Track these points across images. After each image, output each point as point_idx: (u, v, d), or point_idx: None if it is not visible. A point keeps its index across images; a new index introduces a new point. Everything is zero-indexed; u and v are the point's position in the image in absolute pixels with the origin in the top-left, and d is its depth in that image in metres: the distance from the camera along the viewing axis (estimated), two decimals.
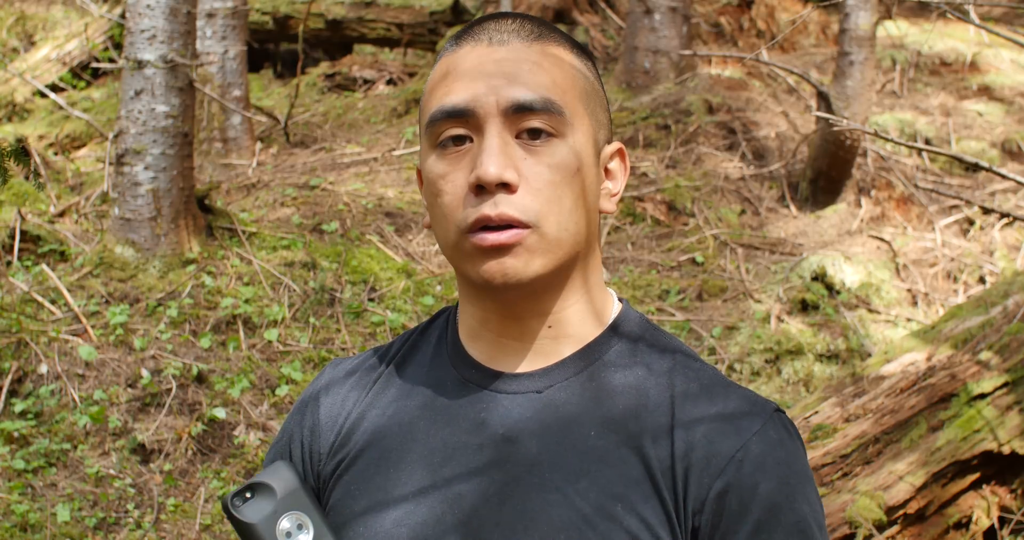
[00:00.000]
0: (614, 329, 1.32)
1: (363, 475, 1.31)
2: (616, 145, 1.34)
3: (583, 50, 1.33)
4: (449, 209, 1.24)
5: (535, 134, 1.23)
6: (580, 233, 1.26)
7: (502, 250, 1.22)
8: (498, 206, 1.21)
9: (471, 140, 1.24)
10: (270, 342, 4.63)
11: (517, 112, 1.22)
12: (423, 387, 1.33)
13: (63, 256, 5.00)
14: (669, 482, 1.22)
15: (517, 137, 1.23)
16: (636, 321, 1.34)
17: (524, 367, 1.30)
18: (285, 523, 1.17)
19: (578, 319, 1.30)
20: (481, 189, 1.21)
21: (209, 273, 4.88)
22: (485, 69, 1.24)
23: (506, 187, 1.21)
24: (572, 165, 1.24)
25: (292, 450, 1.38)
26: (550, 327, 1.29)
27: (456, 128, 1.24)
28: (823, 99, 5.71)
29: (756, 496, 1.21)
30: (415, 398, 1.33)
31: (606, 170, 1.33)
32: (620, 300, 1.37)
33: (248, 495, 1.18)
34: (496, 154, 1.21)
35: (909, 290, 5.41)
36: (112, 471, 4.02)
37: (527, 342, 1.30)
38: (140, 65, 4.82)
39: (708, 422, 1.24)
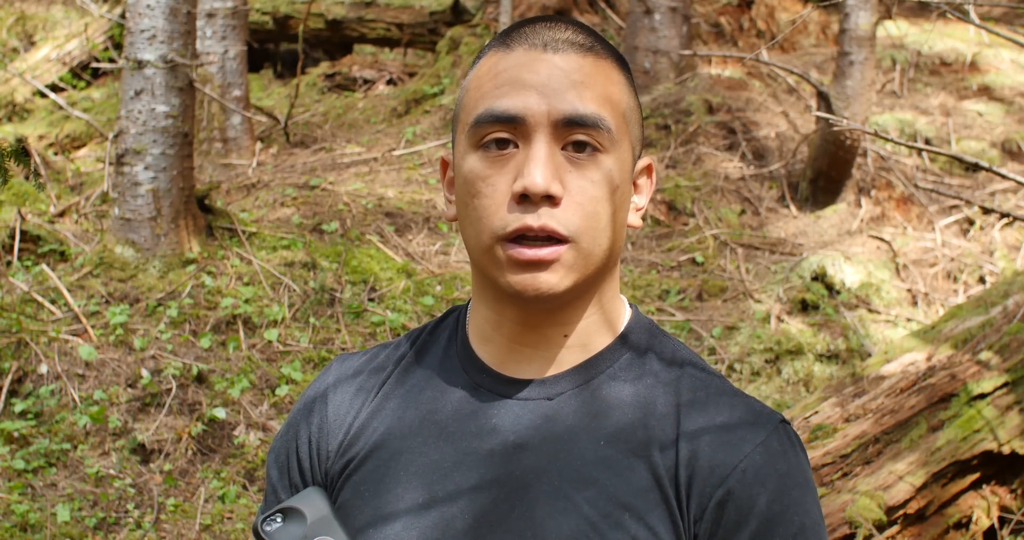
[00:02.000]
0: (624, 339, 1.32)
1: (372, 477, 1.31)
2: (646, 161, 1.34)
3: (625, 64, 1.33)
4: (487, 212, 1.23)
5: (581, 147, 1.23)
6: (610, 248, 1.26)
7: (539, 265, 1.21)
8: (541, 218, 1.20)
9: (515, 145, 1.23)
10: (270, 342, 4.63)
11: (567, 125, 1.22)
12: (433, 390, 1.33)
13: (63, 256, 5.00)
14: (674, 491, 1.22)
15: (562, 148, 1.23)
16: (646, 329, 1.35)
17: (535, 374, 1.30)
18: None
19: (594, 329, 1.31)
20: (525, 198, 1.21)
21: (209, 273, 4.88)
22: (539, 77, 1.23)
23: (550, 199, 1.21)
24: (613, 181, 1.24)
25: (299, 446, 1.38)
26: (566, 336, 1.30)
27: (502, 132, 1.23)
28: (823, 99, 5.71)
29: (755, 507, 1.21)
30: (425, 401, 1.33)
31: (635, 184, 1.33)
32: (630, 305, 1.37)
33: (278, 519, 1.19)
34: (544, 165, 1.20)
35: (909, 290, 5.41)
36: (112, 471, 4.02)
37: (541, 350, 1.30)
38: (140, 65, 4.82)
39: (712, 432, 1.24)
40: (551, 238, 1.22)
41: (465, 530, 1.25)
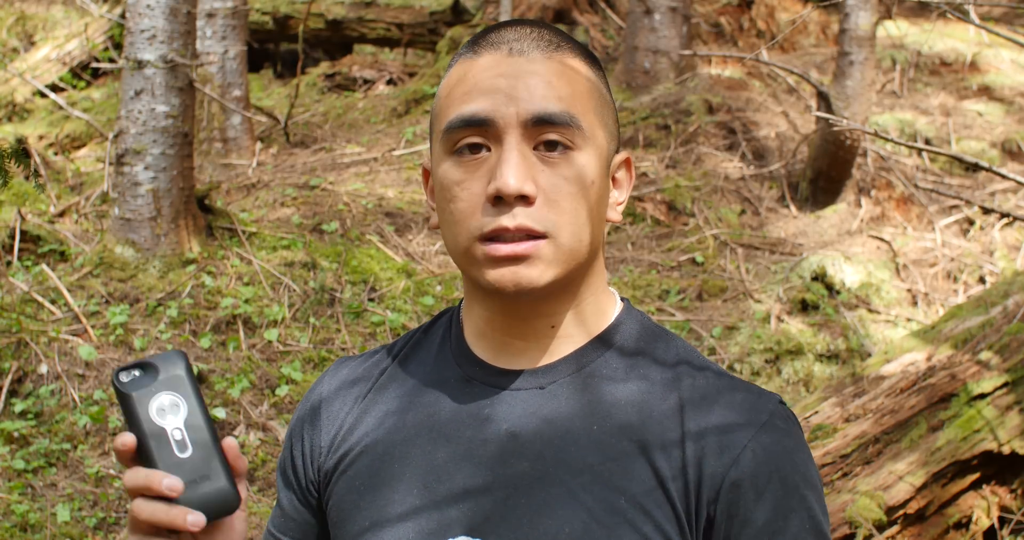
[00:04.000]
0: (612, 332, 1.34)
1: (366, 473, 1.33)
2: (624, 155, 1.36)
3: (595, 60, 1.35)
4: (463, 215, 1.25)
5: (552, 146, 1.25)
6: (590, 243, 1.28)
7: (516, 259, 1.23)
8: (516, 218, 1.22)
9: (488, 149, 1.25)
10: (270, 342, 4.63)
11: (536, 124, 1.24)
12: (427, 385, 1.36)
13: (63, 256, 5.00)
14: (681, 491, 1.24)
15: (534, 148, 1.25)
16: (636, 321, 1.36)
17: (527, 364, 1.32)
18: (163, 399, 1.22)
19: (581, 320, 1.33)
20: (499, 200, 1.23)
21: (209, 273, 4.88)
22: (506, 79, 1.25)
23: (524, 199, 1.23)
24: (587, 177, 1.26)
25: (294, 446, 1.41)
26: (553, 327, 1.32)
27: (474, 137, 1.25)
28: (823, 99, 5.71)
29: (770, 484, 1.23)
30: (419, 394, 1.35)
31: (613, 179, 1.35)
32: (622, 300, 1.39)
33: (136, 373, 1.24)
34: (516, 166, 1.22)
35: (909, 290, 5.41)
36: (112, 471, 4.02)
37: (531, 341, 1.32)
38: (140, 65, 4.82)
39: (717, 431, 1.26)
40: (527, 235, 1.23)
41: (461, 518, 1.26)
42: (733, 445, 1.24)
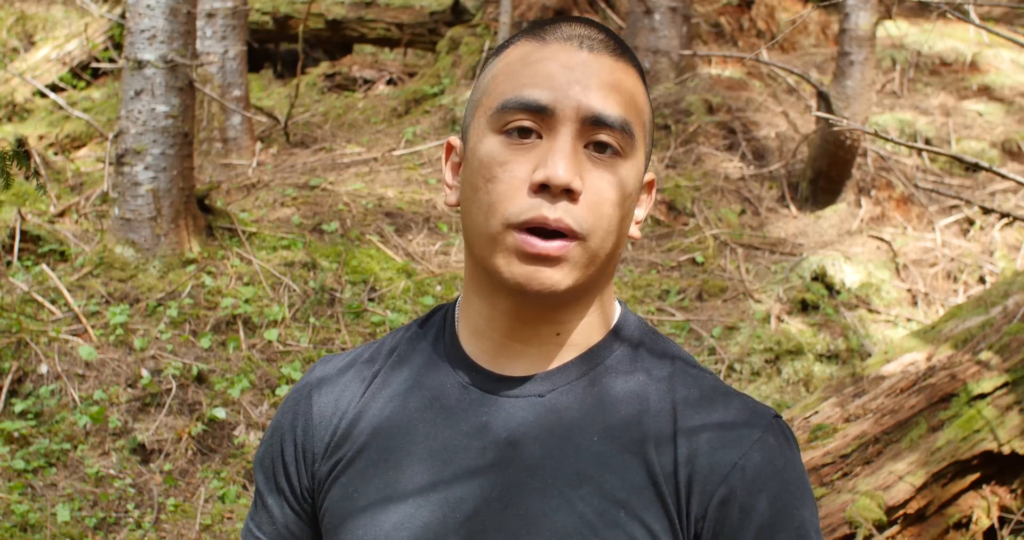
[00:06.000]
0: (615, 334, 1.32)
1: (362, 476, 1.30)
2: (650, 175, 1.34)
3: (644, 76, 1.34)
4: (501, 197, 1.22)
5: (602, 148, 1.23)
6: (612, 252, 1.26)
7: (546, 259, 1.21)
8: (558, 212, 1.20)
9: (539, 135, 1.23)
10: (270, 342, 4.63)
11: (593, 124, 1.22)
12: (422, 388, 1.32)
13: (63, 256, 5.00)
14: (672, 489, 1.23)
15: (584, 146, 1.23)
16: (635, 325, 1.35)
17: (526, 370, 1.29)
18: None
19: (586, 329, 1.31)
20: (544, 188, 1.20)
21: (209, 273, 4.87)
22: (573, 72, 1.24)
23: (569, 194, 1.20)
24: (627, 187, 1.25)
25: (284, 449, 1.37)
26: (558, 334, 1.29)
27: (528, 121, 1.22)
28: (823, 99, 5.71)
29: (758, 503, 1.22)
30: (414, 399, 1.32)
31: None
32: (618, 301, 1.38)
33: None
34: (568, 158, 1.20)
35: (909, 290, 5.41)
36: (112, 471, 4.02)
37: (532, 346, 1.29)
38: (140, 65, 4.82)
39: (710, 430, 1.24)
40: (561, 233, 1.21)
41: (457, 528, 1.25)
42: (723, 462, 1.23)
